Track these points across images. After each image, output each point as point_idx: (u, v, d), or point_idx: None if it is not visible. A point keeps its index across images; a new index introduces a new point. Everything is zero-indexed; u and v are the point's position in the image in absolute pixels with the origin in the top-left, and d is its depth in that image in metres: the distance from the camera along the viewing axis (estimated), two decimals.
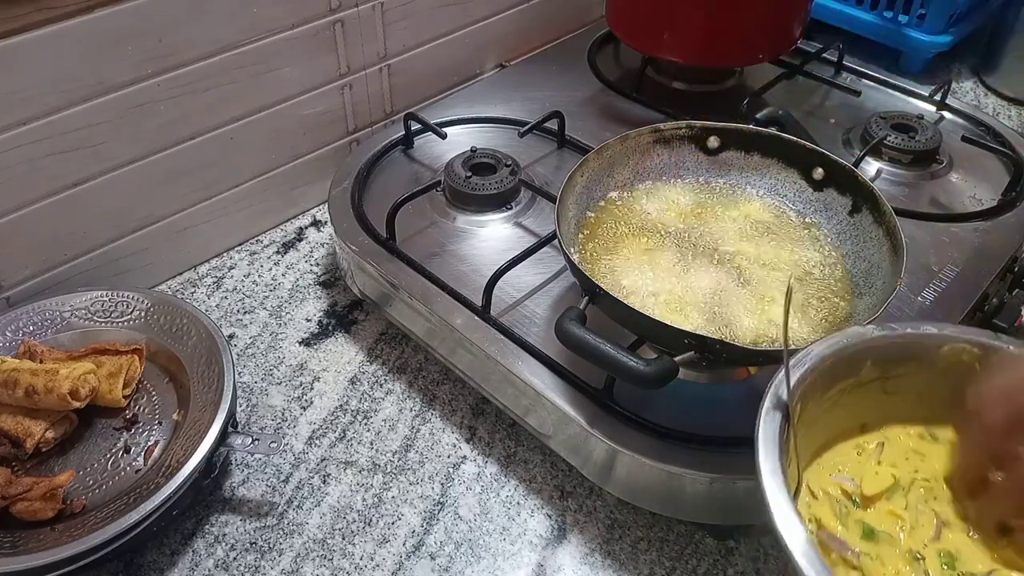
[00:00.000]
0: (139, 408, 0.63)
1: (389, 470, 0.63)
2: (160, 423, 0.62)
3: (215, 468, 0.58)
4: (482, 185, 0.74)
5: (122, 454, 0.60)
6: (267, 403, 0.68)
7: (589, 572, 0.57)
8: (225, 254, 0.82)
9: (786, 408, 0.45)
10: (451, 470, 0.63)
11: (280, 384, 0.69)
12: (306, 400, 0.68)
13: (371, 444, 0.65)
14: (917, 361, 0.50)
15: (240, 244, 0.83)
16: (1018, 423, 0.45)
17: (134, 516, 0.53)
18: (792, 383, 0.45)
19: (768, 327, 0.55)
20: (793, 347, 0.48)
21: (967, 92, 1.05)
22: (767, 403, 0.45)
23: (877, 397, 0.51)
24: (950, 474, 0.49)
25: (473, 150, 0.77)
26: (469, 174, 0.74)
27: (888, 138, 0.80)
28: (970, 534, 0.46)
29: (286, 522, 0.60)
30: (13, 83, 0.61)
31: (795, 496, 0.46)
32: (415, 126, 0.82)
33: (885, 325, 0.50)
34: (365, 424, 0.66)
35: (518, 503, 0.61)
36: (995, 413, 0.46)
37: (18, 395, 0.58)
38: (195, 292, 0.78)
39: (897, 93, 0.92)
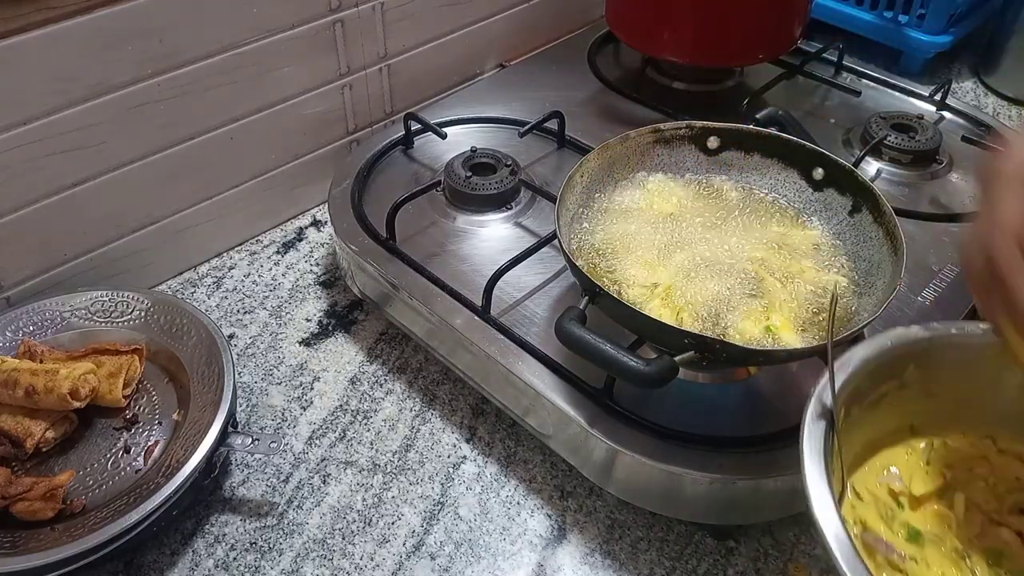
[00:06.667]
0: (139, 408, 0.63)
1: (389, 470, 0.63)
2: (160, 423, 0.62)
3: (215, 468, 0.58)
4: (482, 185, 0.74)
5: (122, 454, 0.60)
6: (267, 403, 0.68)
7: (589, 572, 0.57)
8: (225, 254, 0.82)
9: (831, 415, 0.44)
10: (451, 470, 0.63)
11: (280, 384, 0.69)
12: (306, 400, 0.68)
13: (371, 444, 0.65)
14: (961, 362, 0.49)
15: (240, 244, 0.83)
16: None
17: (134, 516, 0.53)
18: (836, 388, 0.44)
19: (764, 335, 0.55)
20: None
21: (967, 92, 1.05)
22: (811, 410, 0.44)
23: (921, 400, 0.50)
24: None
25: (473, 150, 0.77)
26: (469, 174, 0.74)
27: (888, 138, 0.80)
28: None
29: (286, 522, 0.60)
30: (13, 83, 0.61)
31: (840, 500, 0.45)
32: (415, 126, 0.82)
33: (928, 325, 0.49)
34: (365, 424, 0.66)
35: (518, 503, 0.61)
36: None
37: (18, 395, 0.58)
38: (195, 292, 0.78)
39: (897, 93, 0.92)
